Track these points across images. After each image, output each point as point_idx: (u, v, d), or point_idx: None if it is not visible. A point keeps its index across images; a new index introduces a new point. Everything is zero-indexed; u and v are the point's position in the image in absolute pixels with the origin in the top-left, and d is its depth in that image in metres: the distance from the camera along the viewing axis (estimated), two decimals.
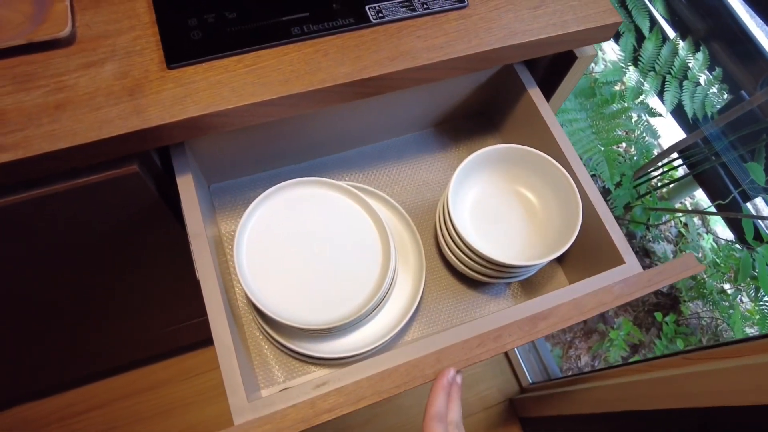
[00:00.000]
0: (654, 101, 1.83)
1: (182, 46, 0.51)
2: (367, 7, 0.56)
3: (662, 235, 2.05)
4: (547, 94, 0.73)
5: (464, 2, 0.58)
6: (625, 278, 0.54)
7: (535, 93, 0.67)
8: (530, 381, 1.42)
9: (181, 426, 1.28)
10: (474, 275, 0.62)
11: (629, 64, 1.59)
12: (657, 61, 1.61)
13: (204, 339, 1.32)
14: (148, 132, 0.48)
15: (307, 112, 0.57)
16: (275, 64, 0.52)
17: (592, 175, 2.15)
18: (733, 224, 1.73)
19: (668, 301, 1.92)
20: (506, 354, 1.45)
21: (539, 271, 0.70)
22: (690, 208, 2.09)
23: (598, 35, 0.61)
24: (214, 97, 0.49)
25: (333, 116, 0.64)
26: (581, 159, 0.67)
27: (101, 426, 1.27)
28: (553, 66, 0.70)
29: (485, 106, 0.78)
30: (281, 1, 0.56)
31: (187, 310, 1.07)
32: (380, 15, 0.56)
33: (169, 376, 1.32)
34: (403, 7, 0.57)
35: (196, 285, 0.49)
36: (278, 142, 0.65)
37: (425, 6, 0.57)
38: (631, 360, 1.76)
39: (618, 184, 1.63)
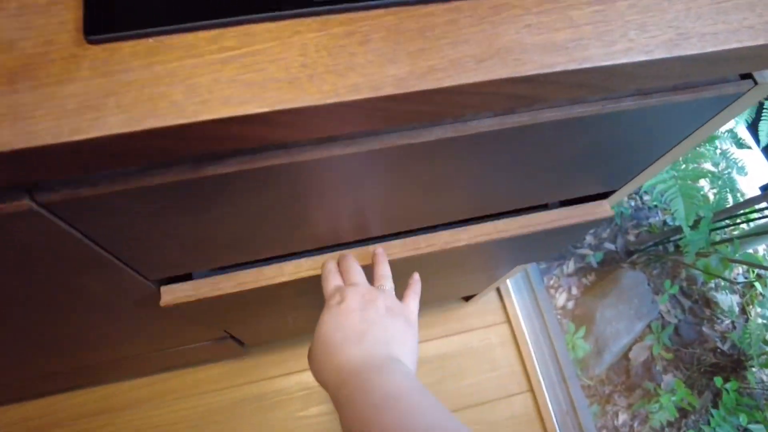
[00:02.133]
0: (744, 132, 1.56)
1: (117, 4, 0.29)
2: None
3: (727, 285, 1.78)
4: None
5: None
6: None
7: None
8: None
9: None
10: None
11: None
12: None
13: (193, 360, 1.13)
14: (29, 155, 0.26)
15: (324, 147, 0.35)
16: (275, 51, 0.29)
17: (654, 206, 1.88)
18: None
19: (729, 363, 1.66)
20: (540, 415, 1.22)
21: None
22: (763, 255, 1.82)
23: None
24: (158, 99, 0.27)
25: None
26: (650, 192, 0.56)
27: None
28: None
29: None
30: None
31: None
32: None
33: (145, 397, 1.13)
34: None
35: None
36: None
37: None
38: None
39: (694, 225, 1.37)
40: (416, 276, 0.52)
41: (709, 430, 1.49)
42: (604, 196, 0.64)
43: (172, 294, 0.52)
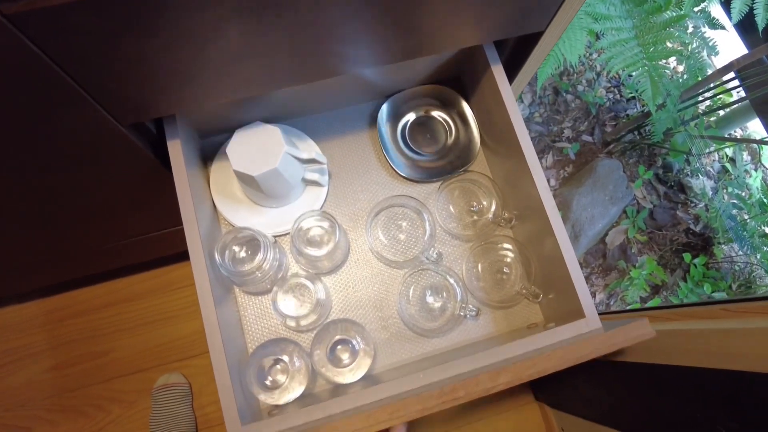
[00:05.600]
0: (717, 10, 1.56)
1: None
2: None
3: (703, 169, 1.85)
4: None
5: None
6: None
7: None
8: None
9: (161, 339, 1.22)
10: None
11: None
12: None
13: (184, 252, 1.22)
14: None
15: None
16: None
17: (632, 97, 1.91)
18: None
19: (700, 241, 1.75)
20: None
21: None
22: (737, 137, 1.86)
23: None
24: None
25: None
26: (620, 74, 0.61)
27: (83, 333, 1.22)
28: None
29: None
30: None
31: (163, 219, 0.96)
32: None
33: (150, 288, 1.25)
34: None
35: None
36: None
37: None
38: (650, 304, 1.63)
39: (661, 106, 1.42)
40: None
41: (677, 300, 1.61)
42: (533, 41, 0.70)
43: None
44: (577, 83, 1.87)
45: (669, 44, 1.44)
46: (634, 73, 1.38)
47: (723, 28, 1.51)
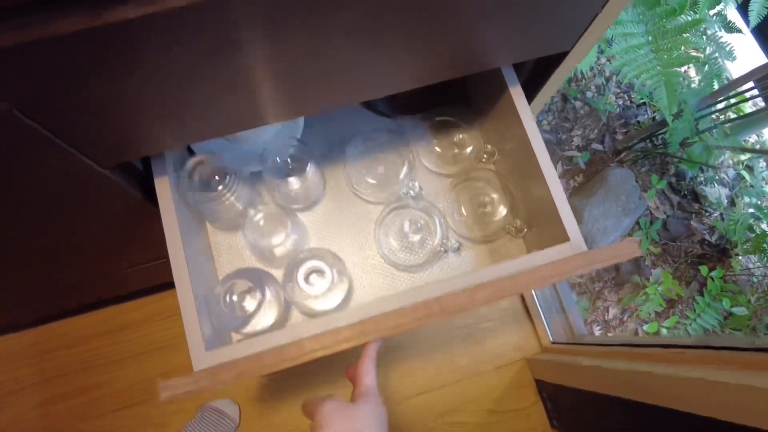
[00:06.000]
0: (733, 14, 1.50)
1: None
2: None
3: (718, 177, 1.78)
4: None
5: None
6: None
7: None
8: (551, 340, 1.25)
9: (155, 370, 1.15)
10: None
11: None
12: None
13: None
14: None
15: None
16: None
17: (642, 103, 1.85)
18: None
19: (715, 252, 1.69)
20: (525, 306, 1.26)
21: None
22: (758, 148, 1.80)
23: None
24: None
25: None
26: (635, 83, 0.59)
27: (72, 366, 1.16)
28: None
29: None
30: None
31: (154, 251, 0.90)
32: None
33: (140, 317, 1.18)
34: None
35: None
36: None
37: None
38: (666, 323, 1.57)
39: (677, 115, 1.35)
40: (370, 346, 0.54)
41: (694, 315, 1.54)
42: (556, 61, 0.63)
43: None
44: (585, 89, 1.80)
45: (684, 50, 1.38)
46: (648, 82, 1.31)
47: (740, 31, 1.44)
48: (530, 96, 0.72)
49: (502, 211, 0.75)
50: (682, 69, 1.71)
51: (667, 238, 1.71)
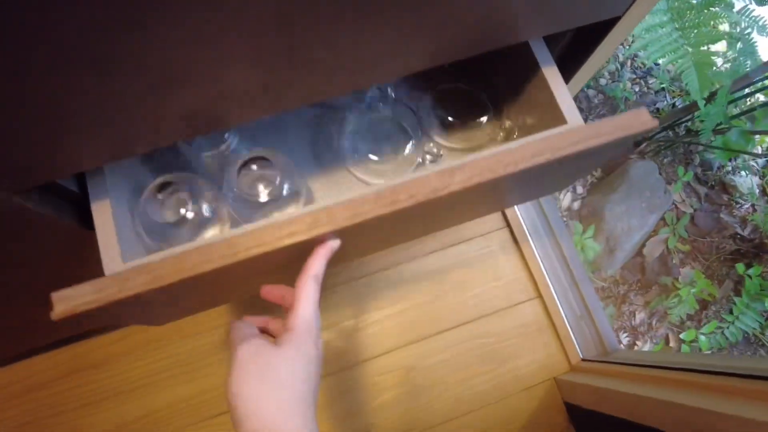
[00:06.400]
0: None
1: None
2: None
3: (745, 164, 1.64)
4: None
5: None
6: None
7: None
8: (581, 356, 1.11)
9: (137, 412, 1.02)
10: None
11: None
12: None
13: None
14: None
15: None
16: None
17: (661, 88, 1.71)
18: None
19: (750, 247, 1.55)
20: (552, 322, 1.12)
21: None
22: None
23: None
24: None
25: None
26: (645, 63, 0.56)
27: (45, 411, 1.02)
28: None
29: None
30: None
31: None
32: None
33: (115, 352, 1.04)
34: None
35: None
36: None
37: None
38: (704, 330, 1.42)
39: (710, 98, 1.21)
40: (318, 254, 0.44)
41: (732, 318, 1.41)
42: (604, 29, 0.49)
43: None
44: (599, 76, 1.66)
45: (712, 24, 1.24)
46: (674, 63, 1.17)
47: None
48: (566, 77, 0.58)
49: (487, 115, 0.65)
50: (713, 48, 1.57)
51: (696, 234, 1.57)
